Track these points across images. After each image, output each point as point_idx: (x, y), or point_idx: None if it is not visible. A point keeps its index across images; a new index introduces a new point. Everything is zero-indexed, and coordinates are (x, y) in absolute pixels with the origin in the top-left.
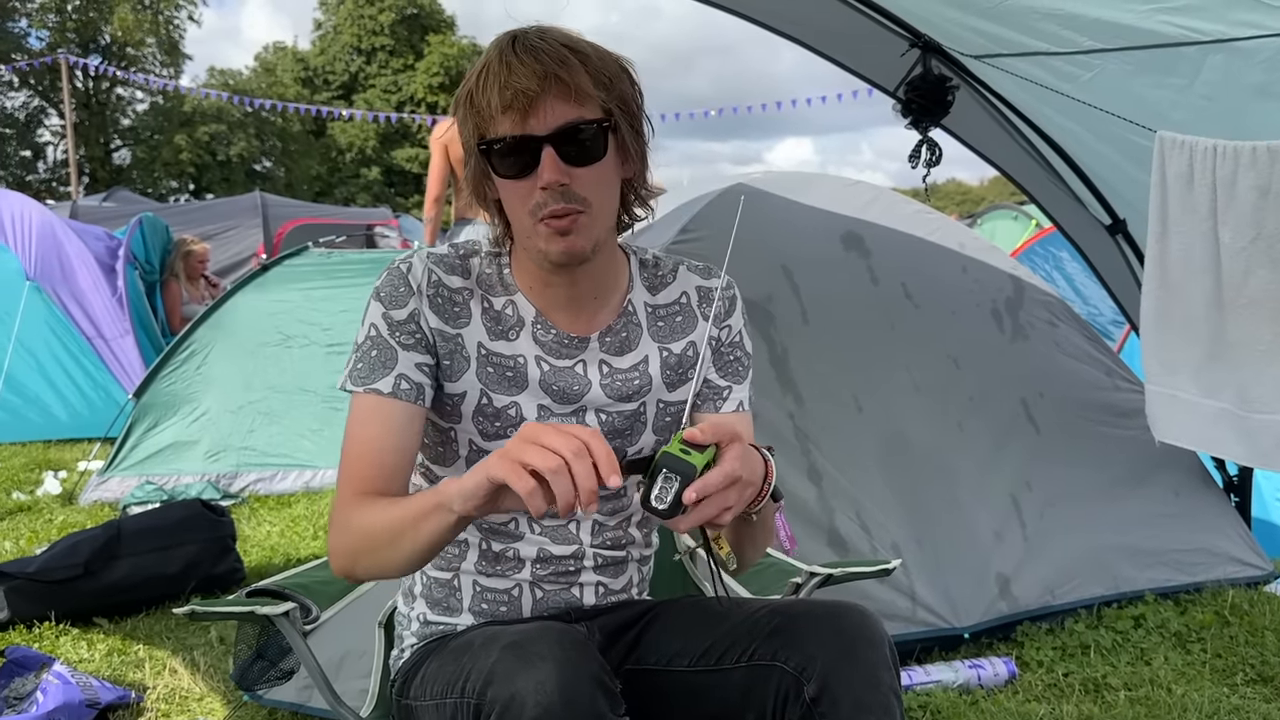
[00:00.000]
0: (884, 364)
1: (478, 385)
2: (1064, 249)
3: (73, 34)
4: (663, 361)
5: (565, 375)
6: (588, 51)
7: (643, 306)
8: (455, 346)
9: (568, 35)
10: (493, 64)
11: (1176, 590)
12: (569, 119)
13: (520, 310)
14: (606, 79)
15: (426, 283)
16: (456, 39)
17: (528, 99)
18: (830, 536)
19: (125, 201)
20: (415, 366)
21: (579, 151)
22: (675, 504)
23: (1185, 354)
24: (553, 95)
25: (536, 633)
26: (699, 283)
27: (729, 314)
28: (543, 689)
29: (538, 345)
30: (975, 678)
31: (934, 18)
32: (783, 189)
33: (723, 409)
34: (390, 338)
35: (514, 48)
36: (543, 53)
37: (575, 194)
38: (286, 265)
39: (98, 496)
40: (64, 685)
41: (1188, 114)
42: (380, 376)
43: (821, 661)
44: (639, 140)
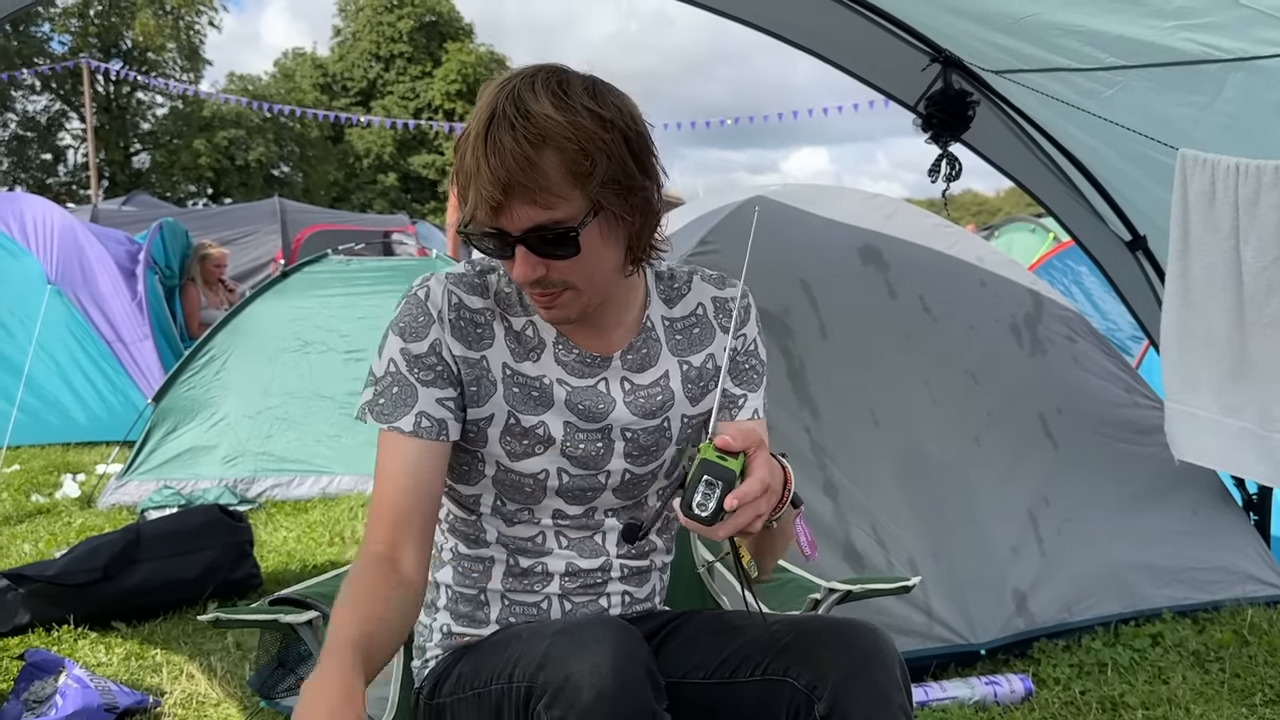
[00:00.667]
0: (902, 378)
1: (505, 407)
2: (1083, 263)
3: (94, 38)
4: (684, 375)
5: (589, 394)
6: (567, 136)
7: (660, 321)
8: (481, 371)
9: (545, 119)
10: (471, 145)
11: (1195, 609)
12: (536, 222)
13: (540, 331)
14: (587, 167)
15: (447, 306)
16: (474, 46)
17: (494, 203)
18: (846, 551)
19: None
20: (436, 402)
21: (551, 248)
22: (717, 511)
23: (1206, 372)
24: (518, 200)
25: (589, 620)
26: (714, 293)
27: (744, 323)
28: (598, 671)
29: (560, 366)
30: (991, 695)
31: (955, 33)
32: (801, 202)
33: (738, 417)
34: (410, 374)
35: (486, 141)
36: (508, 153)
37: (554, 280)
38: (305, 272)
39: (116, 500)
40: (83, 689)
41: (1209, 132)
42: (401, 414)
43: (833, 680)
44: (638, 200)
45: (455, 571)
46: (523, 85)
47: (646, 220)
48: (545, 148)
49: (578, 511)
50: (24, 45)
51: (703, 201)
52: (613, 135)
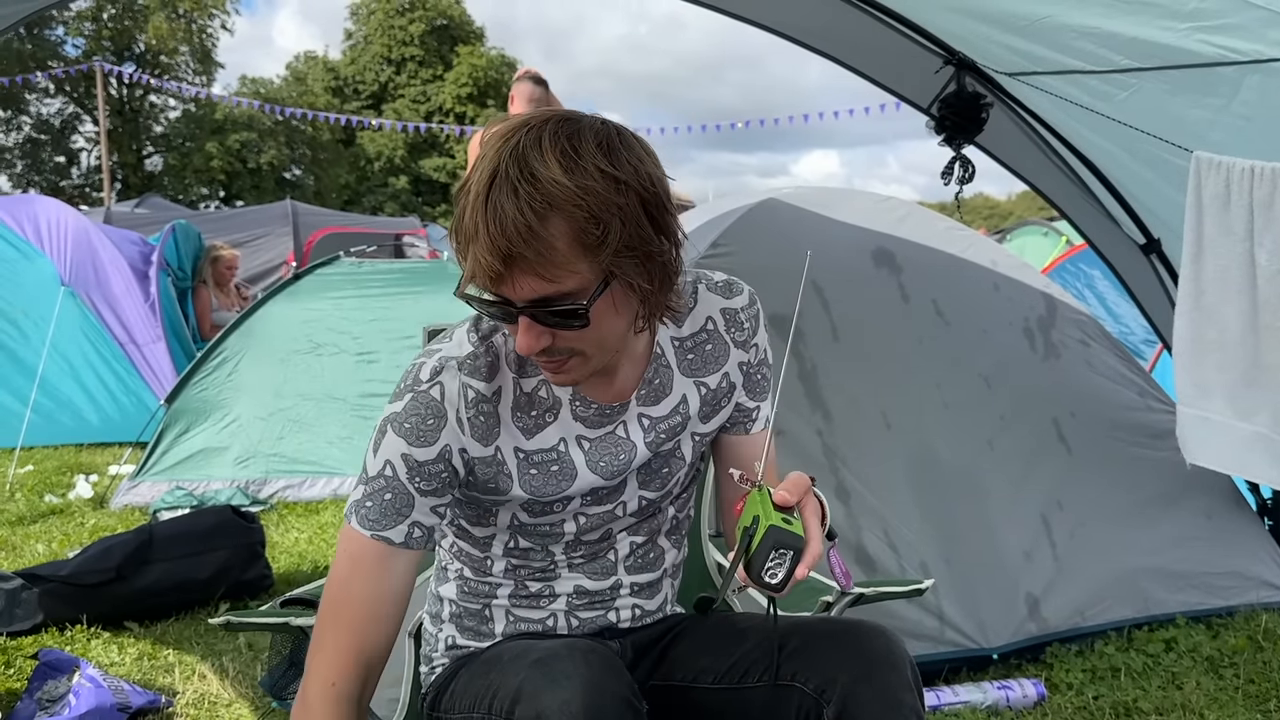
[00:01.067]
0: (914, 382)
1: (524, 495)
2: (1095, 267)
3: (108, 42)
4: (701, 398)
5: (609, 447)
6: (574, 206)
7: (670, 343)
8: (497, 467)
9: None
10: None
11: (1209, 614)
12: (540, 294)
13: (555, 390)
14: (597, 235)
15: (464, 404)
16: (485, 50)
17: (494, 274)
18: (858, 554)
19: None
20: (431, 510)
21: (558, 319)
22: (788, 578)
23: (1220, 376)
24: (520, 272)
25: (564, 650)
26: (723, 304)
27: (755, 332)
28: (568, 709)
29: (579, 422)
30: (1004, 699)
31: (968, 35)
32: (813, 204)
33: (753, 430)
34: (409, 483)
35: (486, 204)
36: (510, 223)
37: (560, 349)
38: (318, 274)
39: (129, 500)
40: (96, 689)
41: (1225, 134)
42: (392, 524)
43: (842, 683)
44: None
45: (460, 590)
46: (529, 142)
47: (664, 284)
48: (551, 216)
49: (593, 539)
50: (38, 48)
51: (713, 205)
52: (627, 199)
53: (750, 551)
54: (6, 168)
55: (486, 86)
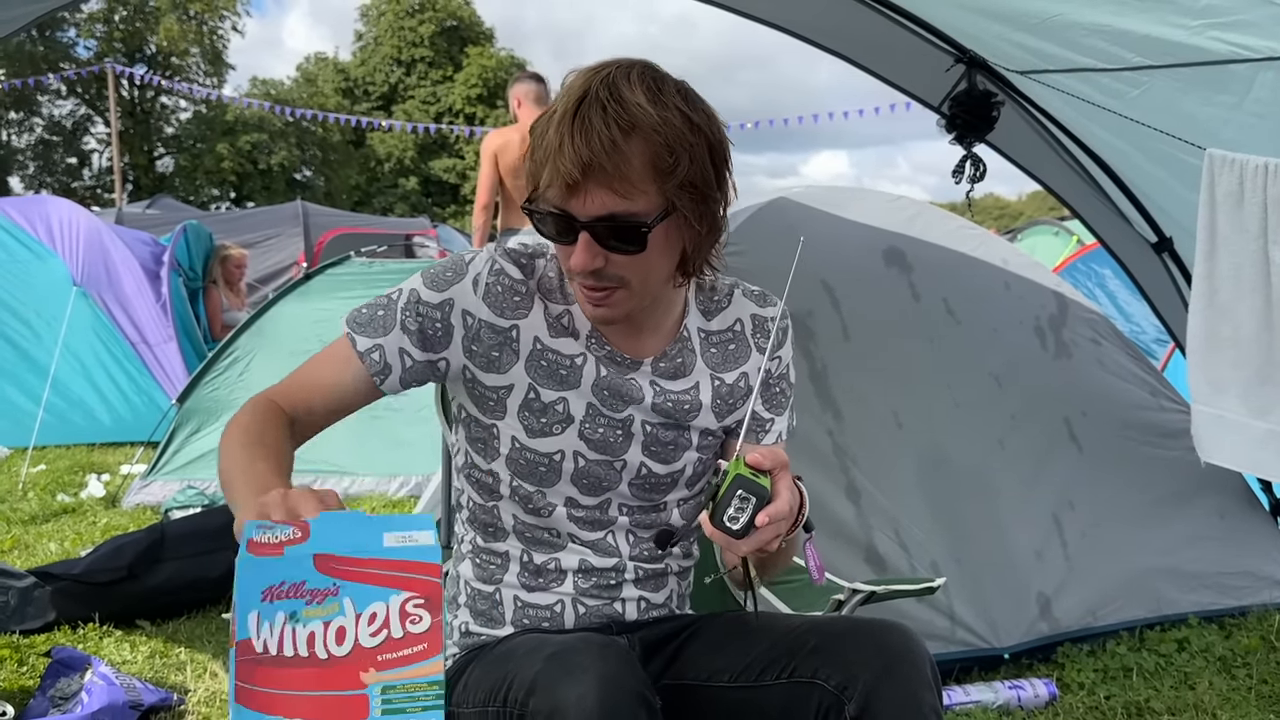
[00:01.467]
0: (925, 381)
1: (526, 379)
2: (1106, 266)
3: (119, 43)
4: (714, 391)
5: (617, 383)
6: (655, 129)
7: (696, 332)
8: (505, 339)
9: (635, 109)
10: (556, 122)
11: (1221, 614)
12: (610, 210)
13: (576, 322)
14: (670, 163)
15: (487, 271)
16: (495, 51)
17: (570, 182)
18: (868, 554)
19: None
20: (399, 351)
21: (617, 241)
22: (747, 526)
23: (1233, 374)
24: (595, 184)
25: (579, 644)
26: (755, 310)
27: (781, 345)
28: (584, 702)
29: (592, 355)
30: (1015, 699)
31: (979, 33)
32: (824, 204)
33: (764, 441)
34: (401, 310)
35: (573, 121)
36: (596, 135)
37: (609, 274)
38: (328, 274)
39: (140, 500)
40: (108, 686)
41: (1238, 132)
42: (366, 334)
43: (863, 680)
44: (707, 213)
45: (474, 565)
46: (618, 74)
47: (711, 234)
48: (633, 136)
49: (592, 503)
50: (50, 50)
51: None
52: (699, 139)
53: (716, 499)
54: (19, 169)
55: (496, 87)
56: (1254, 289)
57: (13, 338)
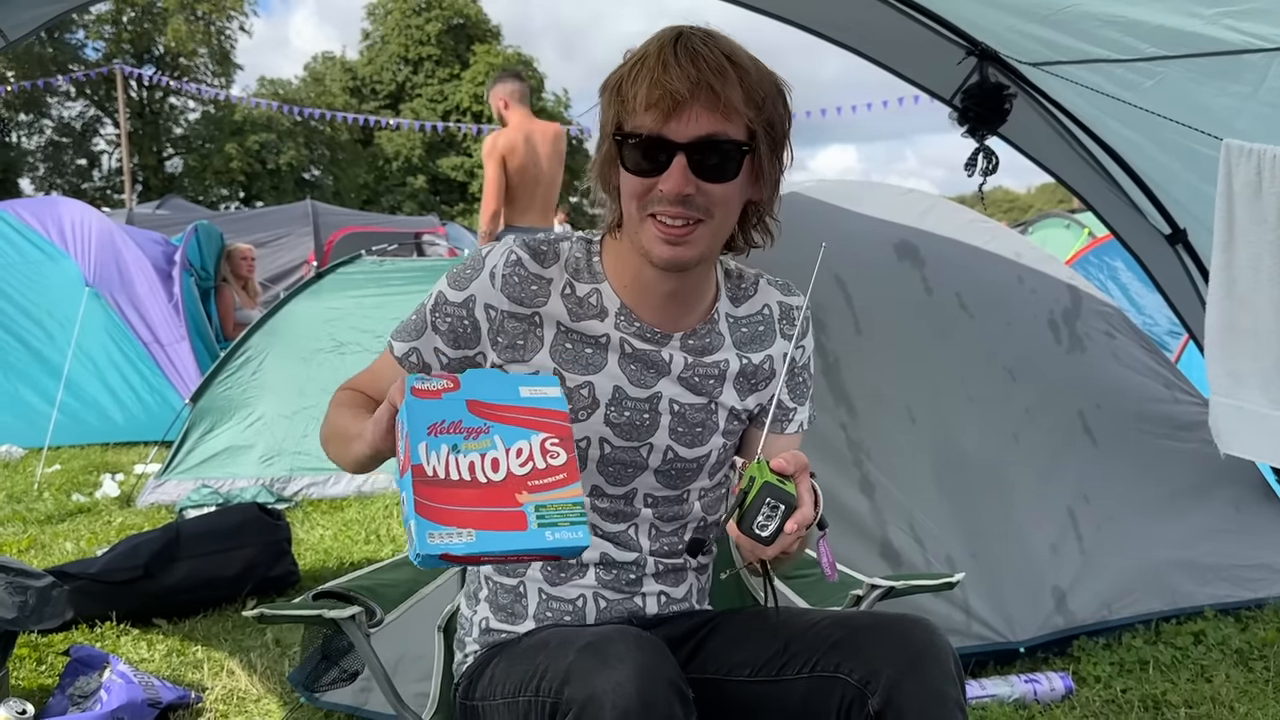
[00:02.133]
0: (938, 375)
1: (550, 364)
2: (1118, 258)
3: (128, 45)
4: (741, 369)
5: (644, 360)
6: (748, 66)
7: (725, 317)
8: (529, 326)
9: (731, 45)
10: (650, 58)
11: (1237, 606)
12: (710, 131)
13: (605, 300)
14: (760, 98)
15: (504, 262)
16: (502, 48)
17: (674, 101)
18: (883, 548)
19: (179, 209)
20: (433, 350)
21: (711, 166)
22: (776, 532)
23: (1253, 365)
24: (700, 104)
25: (615, 634)
26: (780, 299)
27: (805, 334)
28: (621, 690)
29: (620, 332)
30: (1031, 693)
31: (991, 25)
32: (835, 198)
33: (787, 430)
34: (430, 314)
35: (675, 46)
36: (702, 58)
37: (697, 203)
38: (339, 273)
39: (155, 499)
40: (127, 684)
41: (1252, 122)
42: (402, 339)
43: (886, 674)
44: (776, 165)
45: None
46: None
47: (774, 191)
48: (734, 64)
49: (618, 493)
50: (59, 52)
51: None
52: (777, 92)
53: (744, 505)
54: (29, 171)
55: None
56: (1273, 279)
57: (26, 339)
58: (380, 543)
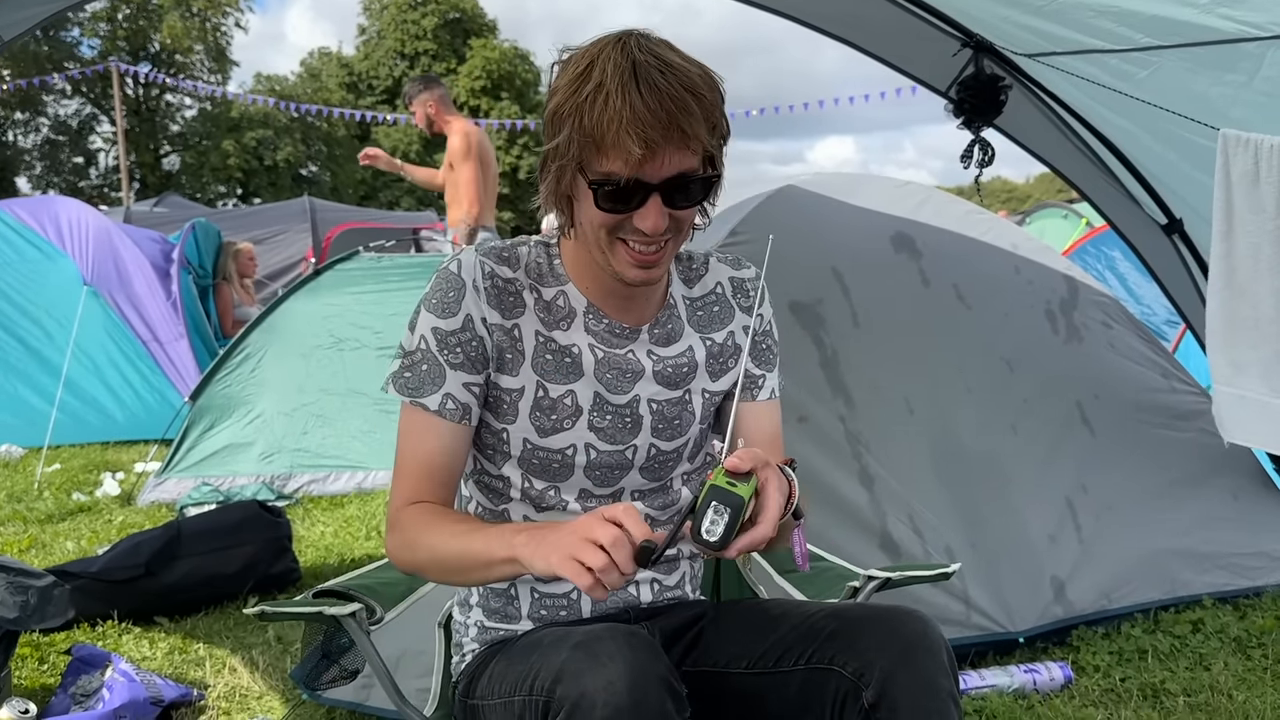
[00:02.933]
0: (936, 366)
1: (534, 377)
2: (1116, 248)
3: (123, 42)
4: (707, 351)
5: (619, 361)
6: (702, 90)
7: (681, 300)
8: (512, 340)
9: (684, 70)
10: (611, 93)
11: (1236, 595)
12: (682, 169)
13: (571, 300)
14: (715, 117)
15: (480, 275)
16: (498, 42)
17: (649, 147)
18: (883, 540)
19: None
20: (463, 386)
21: (682, 198)
22: (726, 535)
23: (1254, 354)
24: (672, 145)
25: (605, 633)
26: (731, 274)
27: (761, 302)
28: (612, 689)
29: (590, 335)
30: (1031, 682)
31: (986, 16)
32: (832, 190)
33: (759, 397)
34: (439, 354)
35: (636, 81)
36: (667, 97)
37: (668, 229)
38: (337, 270)
39: (155, 497)
40: (129, 683)
41: (1247, 111)
42: (428, 393)
43: (880, 667)
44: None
45: None
46: (645, 43)
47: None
48: (693, 95)
49: (604, 493)
50: (54, 50)
51: (729, 193)
52: (718, 93)
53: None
54: (26, 169)
55: (500, 79)
56: (1272, 268)
57: (25, 338)
58: (381, 539)
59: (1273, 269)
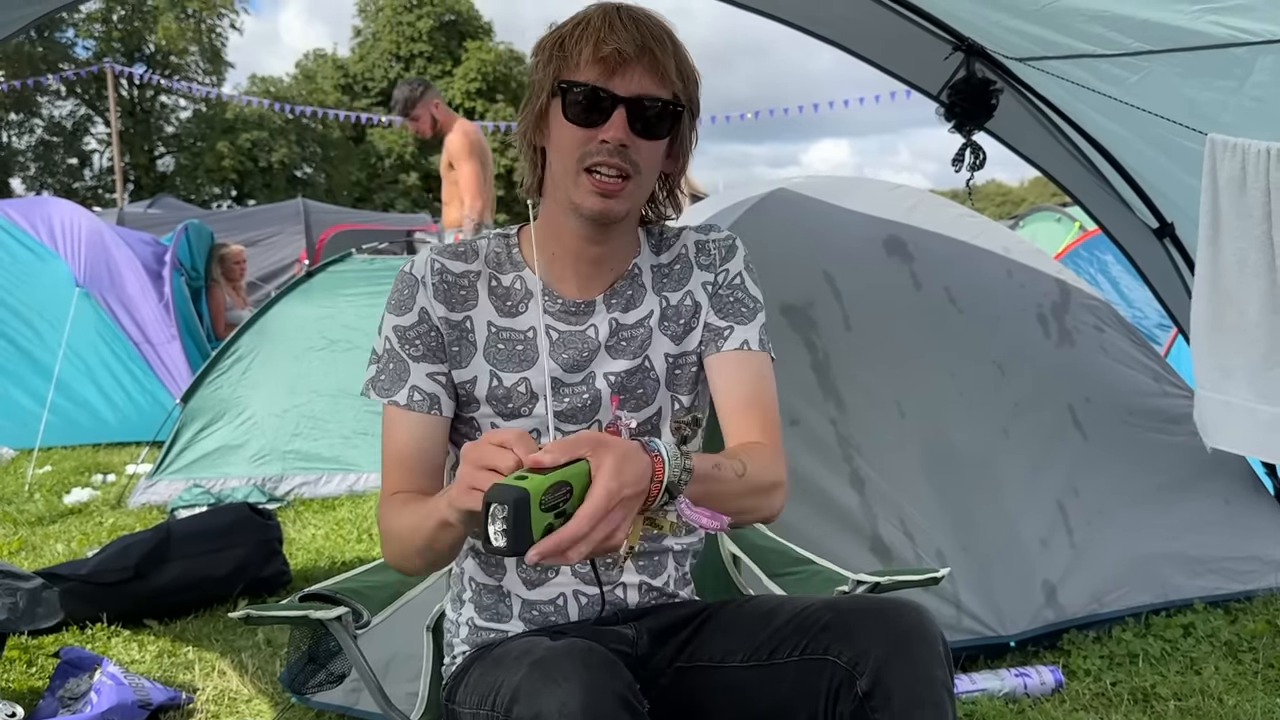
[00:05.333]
0: (927, 369)
1: (486, 367)
2: (1108, 252)
3: (118, 43)
4: (662, 313)
5: (575, 340)
6: (677, 42)
7: (649, 269)
8: (461, 332)
9: (662, 23)
10: (594, 19)
11: (1227, 599)
12: (649, 91)
13: (528, 283)
14: (687, 75)
15: (430, 272)
16: (494, 45)
17: (620, 58)
18: (874, 543)
19: (170, 208)
20: (427, 377)
21: (647, 124)
22: (519, 538)
23: (1240, 359)
24: (642, 65)
25: (563, 650)
26: (698, 238)
27: (726, 259)
28: (565, 709)
29: (547, 315)
30: (1021, 686)
31: (977, 20)
32: (824, 194)
33: (724, 348)
34: (401, 350)
35: (618, 12)
36: (644, 26)
37: (630, 158)
38: (330, 272)
39: (146, 499)
40: (117, 686)
41: (1237, 116)
42: (397, 389)
43: (875, 656)
44: (689, 141)
45: (475, 563)
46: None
47: (684, 166)
48: (666, 37)
49: None
50: (49, 51)
51: (722, 196)
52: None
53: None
54: (20, 170)
55: (495, 81)
56: (1258, 274)
57: (16, 339)
58: (372, 542)
59: (1259, 274)
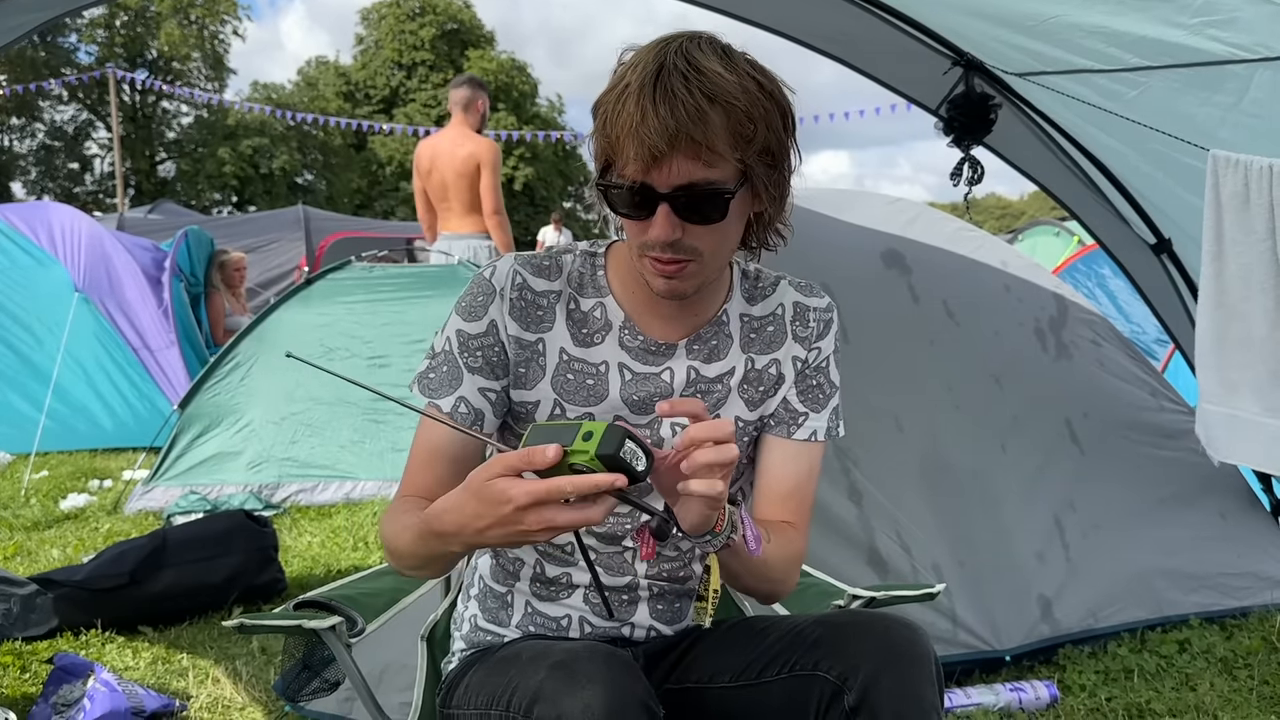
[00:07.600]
0: (925, 383)
1: (551, 395)
2: (1106, 266)
3: (120, 49)
4: (744, 375)
5: (648, 383)
6: (734, 99)
7: (738, 317)
8: (532, 354)
9: (717, 77)
10: (630, 96)
11: (1222, 615)
12: (692, 179)
13: (609, 313)
14: (750, 130)
15: (510, 285)
16: (496, 54)
17: (653, 156)
18: (870, 556)
19: (170, 214)
20: (478, 391)
21: (696, 211)
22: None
23: (1246, 374)
24: (681, 153)
25: (585, 652)
26: (797, 298)
27: (821, 336)
28: (590, 712)
29: (624, 350)
30: (1016, 701)
31: (976, 35)
32: (822, 206)
33: (795, 435)
34: (459, 355)
35: (655, 89)
36: (680, 105)
37: (685, 245)
38: (329, 279)
39: (143, 505)
40: (111, 693)
41: (1235, 132)
42: (445, 394)
43: (864, 671)
44: (780, 181)
45: (492, 564)
46: (689, 44)
47: (780, 202)
48: (716, 104)
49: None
50: (51, 56)
51: None
52: (771, 106)
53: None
54: (21, 174)
55: (497, 90)
56: (1263, 289)
57: (15, 344)
58: (368, 549)
59: (1264, 289)
